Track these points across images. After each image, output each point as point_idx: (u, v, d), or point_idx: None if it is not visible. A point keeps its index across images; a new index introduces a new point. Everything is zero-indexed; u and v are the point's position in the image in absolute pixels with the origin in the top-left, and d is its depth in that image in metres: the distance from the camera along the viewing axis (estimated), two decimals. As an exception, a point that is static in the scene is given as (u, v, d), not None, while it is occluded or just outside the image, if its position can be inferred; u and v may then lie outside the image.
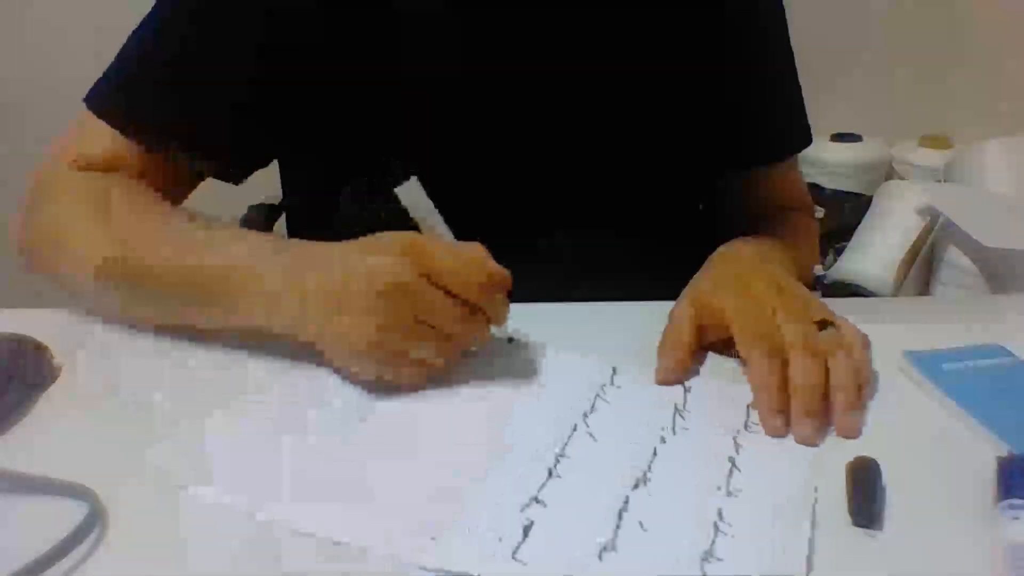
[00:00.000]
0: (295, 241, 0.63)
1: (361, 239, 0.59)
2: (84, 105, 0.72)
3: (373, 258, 0.56)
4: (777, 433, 0.56)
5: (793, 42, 0.84)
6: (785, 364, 0.58)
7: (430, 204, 0.60)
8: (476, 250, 0.58)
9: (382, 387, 0.59)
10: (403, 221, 0.61)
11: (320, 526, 0.47)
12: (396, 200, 0.60)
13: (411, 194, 0.60)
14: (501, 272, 0.58)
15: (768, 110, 0.84)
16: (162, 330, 0.66)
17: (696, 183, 0.83)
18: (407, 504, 0.49)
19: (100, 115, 0.71)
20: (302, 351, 0.61)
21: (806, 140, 0.88)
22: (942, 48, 1.87)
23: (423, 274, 0.55)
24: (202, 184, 0.78)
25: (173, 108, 0.71)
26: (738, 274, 0.67)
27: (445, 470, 0.52)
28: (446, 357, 0.59)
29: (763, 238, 0.75)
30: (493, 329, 0.61)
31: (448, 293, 0.56)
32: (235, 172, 0.77)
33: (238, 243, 0.63)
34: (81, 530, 0.45)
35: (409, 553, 0.45)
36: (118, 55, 0.73)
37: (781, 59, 0.84)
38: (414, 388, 0.59)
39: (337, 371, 0.60)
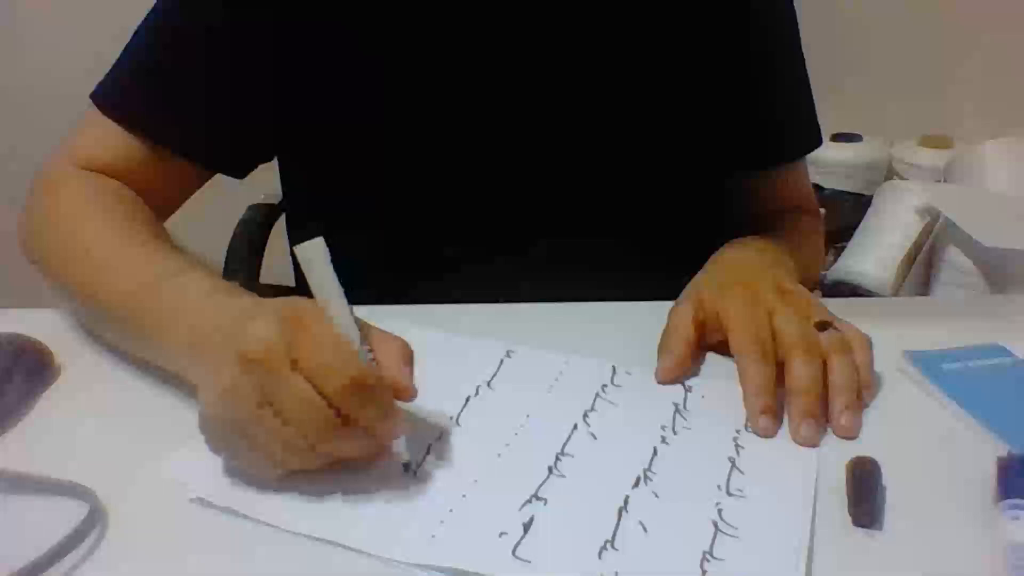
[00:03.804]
0: (226, 289, 0.57)
1: (271, 299, 0.52)
2: (87, 104, 0.72)
3: (247, 322, 0.48)
4: (766, 434, 0.56)
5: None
6: (778, 365, 0.59)
7: (330, 274, 0.49)
8: (389, 344, 0.50)
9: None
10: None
11: (319, 526, 0.47)
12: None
13: (310, 256, 0.49)
14: (387, 380, 0.48)
15: (779, 111, 0.83)
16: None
17: (703, 184, 0.83)
18: (407, 502, 0.49)
19: (105, 111, 0.71)
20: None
21: (815, 142, 0.87)
22: (942, 48, 1.87)
23: (289, 356, 0.46)
24: (204, 184, 0.78)
25: (178, 104, 0.71)
26: (739, 275, 0.67)
27: (445, 467, 0.52)
28: (294, 458, 0.48)
29: (766, 239, 0.75)
30: (394, 450, 0.50)
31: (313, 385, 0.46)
32: (238, 166, 0.77)
33: (172, 286, 0.57)
34: (81, 530, 0.45)
35: (409, 551, 0.45)
36: (124, 51, 0.73)
37: (792, 59, 0.84)
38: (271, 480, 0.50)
39: None
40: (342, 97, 0.73)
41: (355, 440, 0.48)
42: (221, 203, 0.93)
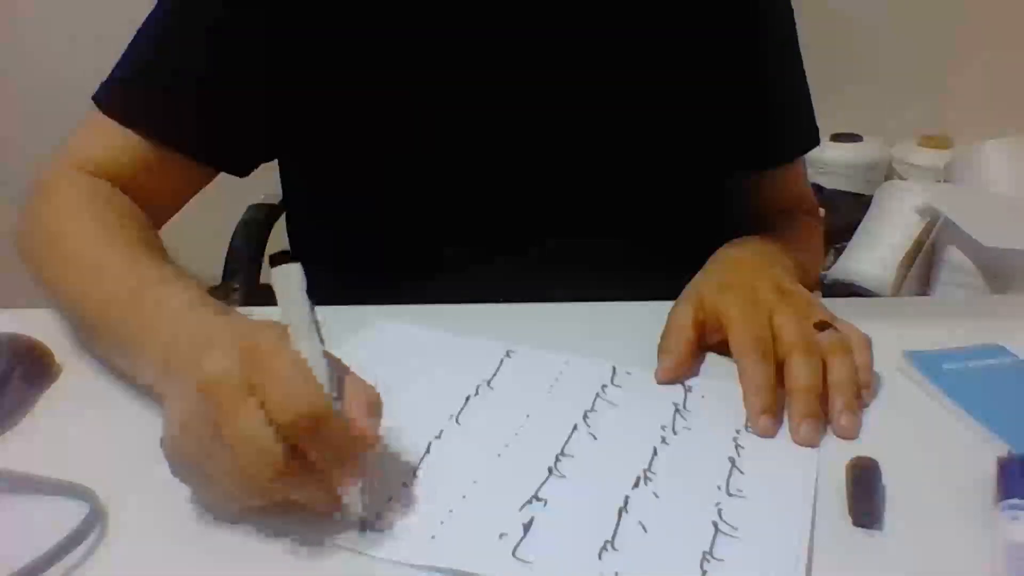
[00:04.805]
0: (210, 304, 0.55)
1: (241, 321, 0.51)
2: (88, 104, 0.72)
3: (204, 351, 0.46)
4: (766, 433, 0.56)
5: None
6: (778, 366, 0.59)
7: (304, 299, 0.47)
8: (358, 390, 0.47)
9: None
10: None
11: (318, 527, 0.47)
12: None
13: (285, 282, 0.46)
14: (349, 422, 0.45)
15: (777, 111, 0.84)
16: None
17: (703, 184, 0.83)
18: (406, 502, 0.49)
19: (107, 111, 0.71)
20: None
21: (813, 141, 0.88)
22: (941, 48, 1.87)
23: (248, 384, 0.44)
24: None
25: (181, 101, 0.71)
26: (739, 275, 0.67)
27: (445, 467, 0.52)
28: (244, 495, 0.45)
29: (766, 239, 0.75)
30: (348, 502, 0.46)
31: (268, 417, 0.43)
32: (240, 165, 0.77)
33: (154, 298, 0.56)
34: (81, 530, 0.45)
35: (409, 551, 0.45)
36: (125, 53, 0.73)
37: (791, 59, 0.84)
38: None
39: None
40: (342, 97, 0.73)
41: (306, 483, 0.45)
42: (221, 203, 0.93)
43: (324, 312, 0.48)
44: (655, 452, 0.53)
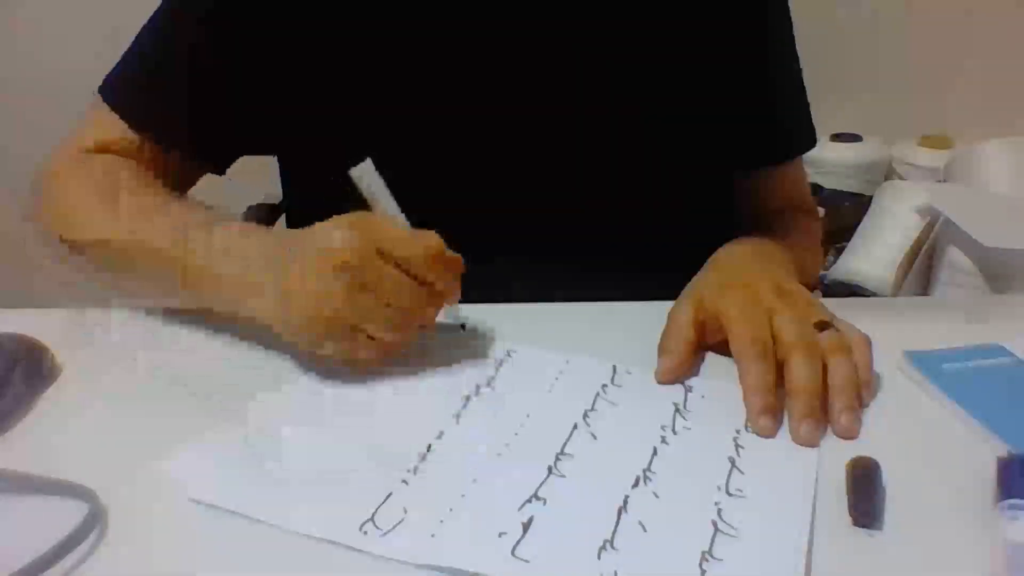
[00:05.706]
0: (273, 230, 0.66)
1: (319, 223, 0.60)
2: (92, 99, 0.75)
3: (325, 234, 0.57)
4: (766, 434, 0.56)
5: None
6: (778, 366, 0.59)
7: (384, 186, 0.61)
8: (431, 235, 0.59)
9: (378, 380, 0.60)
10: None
11: (319, 525, 0.47)
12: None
13: (365, 176, 0.61)
14: (453, 254, 0.60)
15: (775, 111, 0.84)
16: (161, 330, 0.67)
17: (702, 185, 0.83)
18: (407, 502, 0.49)
19: (113, 108, 0.74)
20: (303, 355, 0.61)
21: (811, 142, 0.88)
22: (941, 48, 1.87)
23: (376, 248, 0.57)
24: (203, 184, 0.79)
25: (183, 106, 0.73)
26: (739, 275, 0.67)
27: (445, 467, 0.52)
28: (400, 333, 0.59)
29: (765, 239, 0.75)
30: (445, 316, 0.63)
31: (399, 268, 0.57)
32: (227, 162, 0.79)
33: (223, 231, 0.64)
34: (81, 530, 0.45)
35: (408, 550, 0.45)
36: (132, 46, 0.75)
37: (788, 60, 0.84)
38: (372, 368, 0.60)
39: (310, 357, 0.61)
40: (340, 97, 0.73)
41: (437, 303, 0.60)
42: (221, 203, 0.93)
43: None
44: (655, 452, 0.53)
